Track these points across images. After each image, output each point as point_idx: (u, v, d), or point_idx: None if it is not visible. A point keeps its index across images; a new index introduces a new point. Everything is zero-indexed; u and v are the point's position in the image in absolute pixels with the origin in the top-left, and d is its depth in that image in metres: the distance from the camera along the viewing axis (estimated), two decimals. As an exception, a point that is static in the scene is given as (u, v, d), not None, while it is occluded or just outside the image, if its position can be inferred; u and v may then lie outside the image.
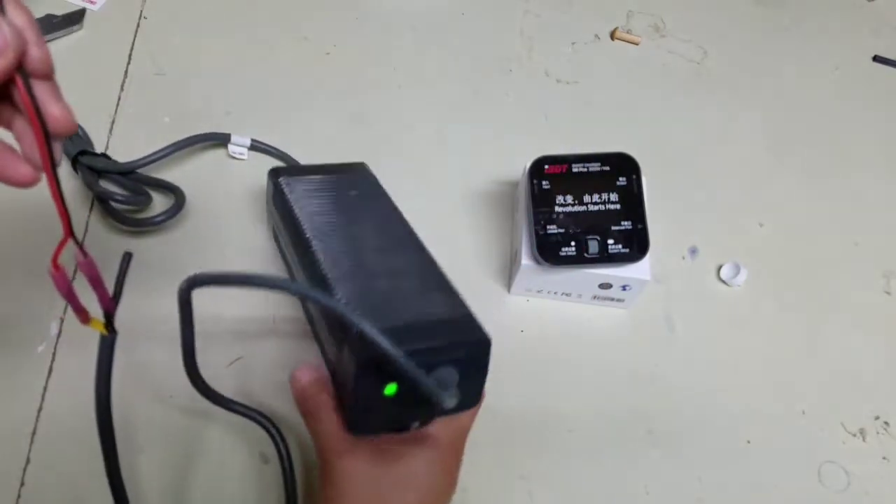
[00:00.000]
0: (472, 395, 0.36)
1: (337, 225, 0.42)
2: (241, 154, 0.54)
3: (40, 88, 0.26)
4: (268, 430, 0.42)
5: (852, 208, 0.60)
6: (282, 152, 0.54)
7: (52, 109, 0.26)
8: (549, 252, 0.46)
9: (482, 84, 0.63)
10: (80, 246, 0.29)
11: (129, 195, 0.49)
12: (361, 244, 0.41)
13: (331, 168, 0.49)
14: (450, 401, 0.31)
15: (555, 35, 0.68)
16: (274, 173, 0.48)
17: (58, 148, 0.27)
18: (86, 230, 0.49)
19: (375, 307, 0.36)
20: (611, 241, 0.46)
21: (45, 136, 0.26)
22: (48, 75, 0.26)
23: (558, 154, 0.48)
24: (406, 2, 0.67)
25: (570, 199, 0.47)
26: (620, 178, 0.48)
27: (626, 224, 0.47)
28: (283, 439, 0.42)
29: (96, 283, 0.31)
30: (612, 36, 0.68)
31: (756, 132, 0.64)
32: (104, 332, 0.32)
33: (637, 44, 0.68)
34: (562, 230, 0.47)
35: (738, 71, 0.68)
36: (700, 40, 0.70)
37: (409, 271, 0.39)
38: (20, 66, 0.25)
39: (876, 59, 0.71)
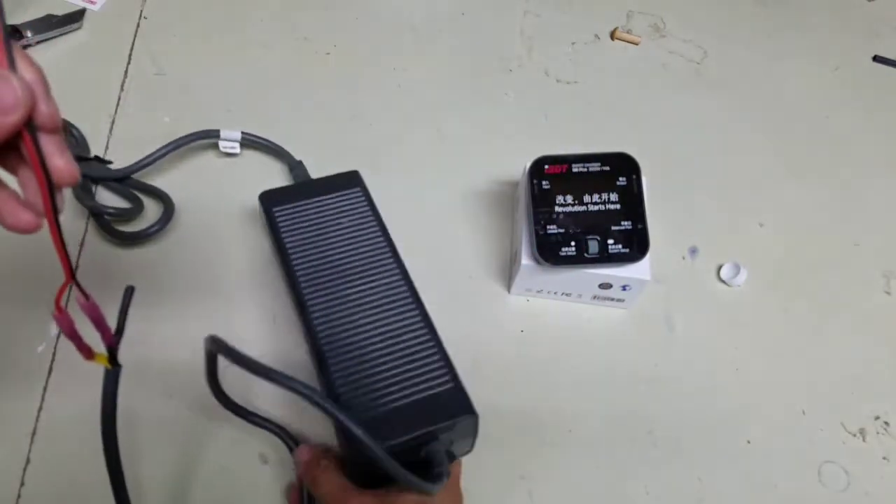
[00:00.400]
0: (465, 449, 0.41)
1: (329, 277, 0.44)
2: (232, 148, 0.53)
3: (46, 142, 0.27)
4: (287, 444, 0.43)
5: (853, 208, 0.60)
6: (274, 144, 0.54)
7: (56, 162, 0.27)
8: (549, 252, 0.46)
9: (482, 84, 0.63)
10: (81, 289, 0.30)
11: (118, 208, 0.49)
12: (354, 298, 0.43)
13: (322, 185, 0.49)
14: (436, 488, 0.34)
15: (555, 35, 0.68)
16: (266, 199, 0.48)
17: (60, 198, 0.28)
18: (81, 245, 0.49)
19: (367, 389, 0.38)
20: (611, 241, 0.46)
21: (50, 187, 0.27)
22: (55, 130, 0.27)
23: (558, 154, 0.48)
24: (406, 2, 0.67)
25: (570, 199, 0.47)
26: (620, 178, 0.48)
27: (626, 224, 0.47)
28: None
29: (99, 322, 0.32)
30: (612, 36, 0.68)
31: (756, 132, 0.64)
32: (108, 366, 0.33)
33: (637, 44, 0.68)
34: (562, 230, 0.47)
35: (738, 71, 0.68)
36: (700, 40, 0.70)
37: (399, 335, 0.41)
38: (28, 121, 0.26)
39: (876, 59, 0.71)
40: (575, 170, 0.48)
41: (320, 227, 0.47)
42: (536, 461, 0.45)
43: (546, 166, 0.48)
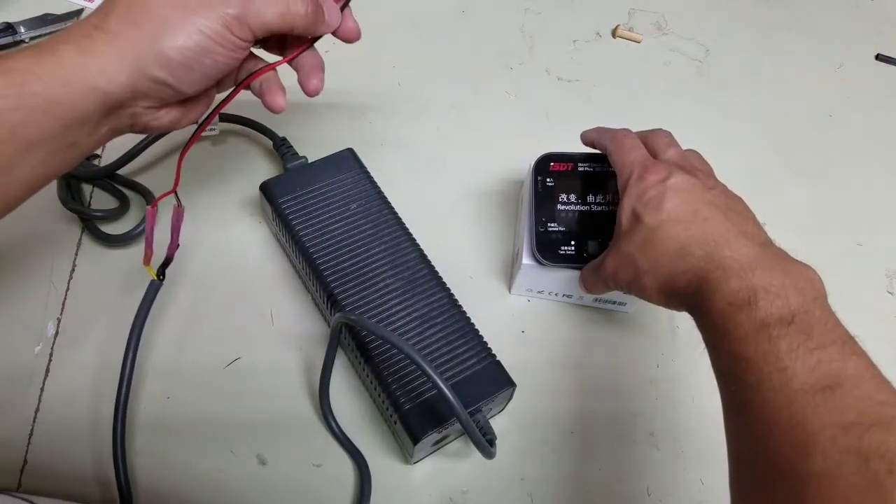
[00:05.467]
0: (498, 411, 0.45)
1: (354, 267, 0.45)
2: (211, 130, 0.53)
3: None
4: (360, 468, 0.42)
5: (856, 208, 0.60)
6: (255, 122, 0.54)
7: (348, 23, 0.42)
8: (548, 250, 0.46)
9: (483, 82, 0.63)
10: (178, 198, 0.40)
11: (103, 210, 0.49)
12: (382, 286, 0.45)
13: (320, 169, 0.49)
14: (494, 451, 0.39)
15: (556, 33, 0.67)
16: (267, 189, 0.48)
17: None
18: (77, 249, 0.49)
19: (415, 375, 0.41)
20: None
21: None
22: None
23: (564, 152, 0.48)
24: (406, -1, 0.67)
25: (573, 197, 0.47)
26: None
27: None
28: (369, 479, 0.42)
29: (175, 231, 0.40)
30: (614, 34, 0.68)
31: (758, 131, 0.64)
32: (155, 278, 0.40)
33: (639, 42, 0.68)
34: (563, 229, 0.46)
35: (740, 69, 0.68)
36: (702, 38, 0.69)
37: (433, 318, 0.44)
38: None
39: (879, 57, 0.71)
40: (580, 169, 0.47)
41: (332, 216, 0.47)
42: (537, 462, 0.44)
43: (551, 164, 0.48)
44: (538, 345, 0.49)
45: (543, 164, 0.48)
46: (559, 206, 0.47)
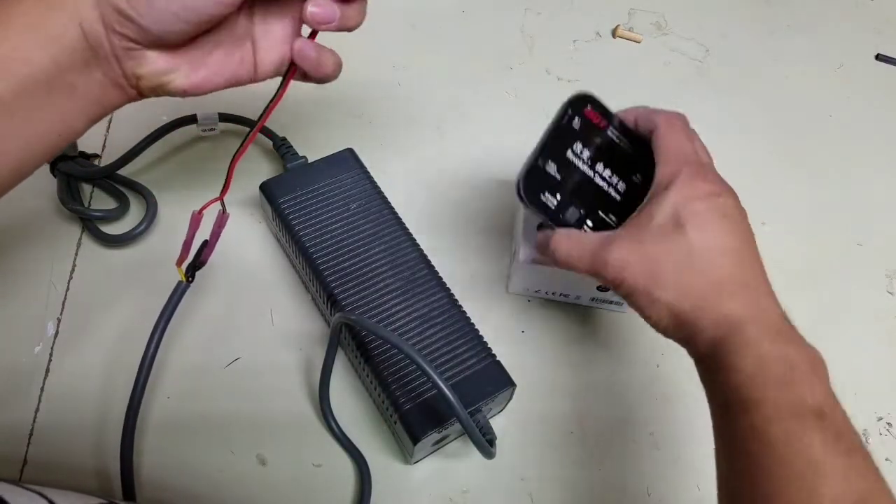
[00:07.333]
0: (498, 411, 0.45)
1: (354, 267, 0.45)
2: (211, 129, 0.53)
3: None
4: (360, 468, 0.42)
5: (856, 208, 0.60)
6: (254, 122, 0.53)
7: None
8: (531, 188, 0.40)
9: (483, 82, 0.63)
10: (224, 206, 0.40)
11: (102, 210, 0.49)
12: (382, 286, 0.45)
13: (320, 169, 0.49)
14: (494, 451, 0.39)
15: (556, 33, 0.67)
16: (267, 189, 0.48)
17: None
18: (77, 249, 0.49)
19: (415, 374, 0.41)
20: (588, 223, 0.42)
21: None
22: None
23: (607, 107, 0.43)
24: (406, -1, 0.67)
25: (585, 154, 0.42)
26: (636, 175, 0.43)
27: (611, 219, 0.42)
28: (370, 479, 0.42)
29: (214, 237, 0.40)
30: (614, 34, 0.68)
31: (758, 131, 0.64)
32: (184, 279, 0.40)
33: (639, 42, 0.68)
34: (558, 177, 0.41)
35: (740, 69, 0.68)
36: (702, 38, 0.69)
37: (433, 318, 0.44)
38: None
39: (878, 57, 0.71)
40: (609, 133, 0.43)
41: (332, 216, 0.47)
42: (537, 462, 0.44)
43: (588, 106, 0.42)
44: (538, 345, 0.49)
45: (581, 103, 0.42)
46: (569, 153, 0.42)
